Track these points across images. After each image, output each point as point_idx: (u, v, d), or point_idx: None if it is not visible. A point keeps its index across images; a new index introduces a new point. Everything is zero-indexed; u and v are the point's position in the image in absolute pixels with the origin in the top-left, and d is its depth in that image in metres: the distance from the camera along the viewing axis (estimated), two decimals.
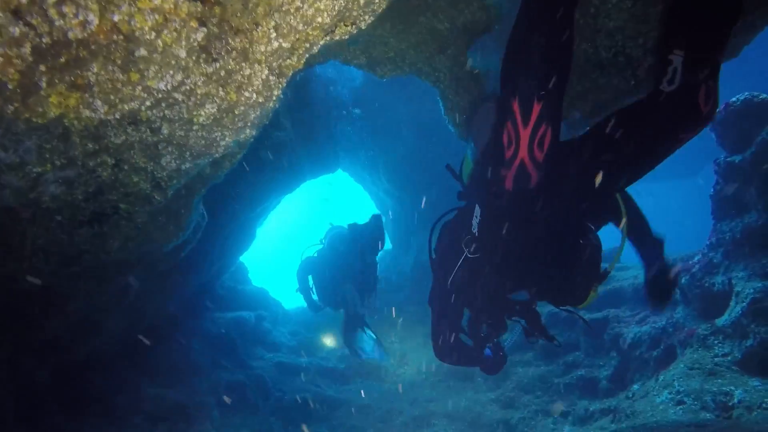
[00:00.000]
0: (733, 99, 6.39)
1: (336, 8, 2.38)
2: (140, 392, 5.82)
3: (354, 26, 2.79)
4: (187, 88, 2.23)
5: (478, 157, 3.43)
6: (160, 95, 2.18)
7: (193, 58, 2.13)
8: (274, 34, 2.30)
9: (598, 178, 2.79)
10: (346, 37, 2.80)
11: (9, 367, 4.22)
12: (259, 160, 6.93)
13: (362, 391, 8.45)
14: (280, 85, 2.72)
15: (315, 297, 8.42)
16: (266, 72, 2.49)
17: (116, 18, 1.82)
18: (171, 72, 2.09)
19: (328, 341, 9.89)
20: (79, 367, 5.25)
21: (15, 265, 3.30)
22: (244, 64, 2.35)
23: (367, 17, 2.80)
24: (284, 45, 2.38)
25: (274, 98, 2.74)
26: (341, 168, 12.29)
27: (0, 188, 2.53)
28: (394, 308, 10.49)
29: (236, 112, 2.54)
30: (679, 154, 2.83)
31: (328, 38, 2.70)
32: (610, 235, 3.69)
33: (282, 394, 7.77)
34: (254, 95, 2.52)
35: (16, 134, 2.25)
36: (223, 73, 2.29)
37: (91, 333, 5.10)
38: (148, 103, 2.21)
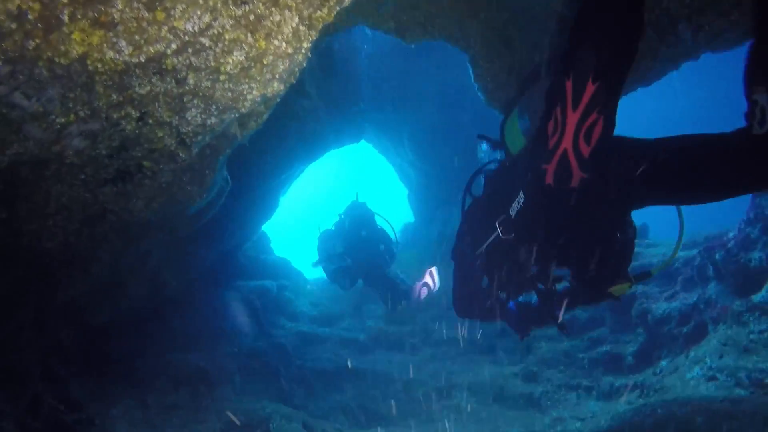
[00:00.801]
0: None
1: None
2: (163, 356, 5.83)
3: None
4: (215, 31, 2.12)
5: (527, 131, 3.27)
6: (186, 38, 2.08)
7: None
8: None
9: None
10: None
11: (34, 327, 4.21)
12: (284, 127, 6.83)
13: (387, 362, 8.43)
14: (310, 38, 2.60)
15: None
16: (296, 20, 2.37)
17: None
18: (198, 12, 1.97)
19: None
20: (103, 331, 5.26)
21: (39, 223, 3.25)
22: (274, 9, 2.23)
23: None
24: None
25: (303, 51, 2.62)
26: (365, 139, 12.14)
27: (23, 140, 2.46)
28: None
29: (264, 62, 2.42)
30: None
31: None
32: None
33: (303, 362, 7.76)
34: (283, 44, 2.40)
35: (39, 81, 2.16)
36: (252, 17, 2.17)
37: (115, 296, 5.09)
38: (174, 47, 2.11)
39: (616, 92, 2.63)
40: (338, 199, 9.66)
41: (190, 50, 2.19)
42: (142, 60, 2.13)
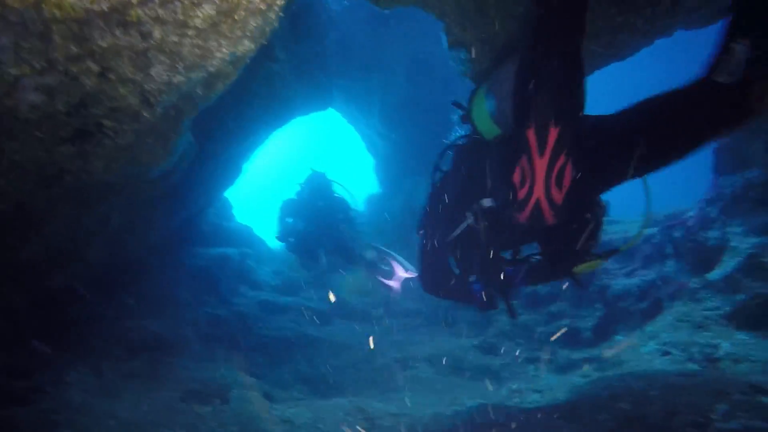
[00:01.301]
0: None
1: None
2: (120, 323, 5.69)
3: None
4: None
5: (495, 115, 3.22)
6: None
7: None
8: None
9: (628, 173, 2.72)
10: None
11: None
12: (251, 91, 6.65)
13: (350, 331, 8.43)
14: None
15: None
16: None
17: None
18: None
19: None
20: (58, 295, 5.09)
21: None
22: None
23: None
24: None
25: (276, 8, 2.51)
26: (333, 107, 11.96)
27: None
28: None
29: (236, 18, 2.31)
30: None
31: None
32: None
33: (264, 331, 7.69)
34: None
35: None
36: None
37: (71, 260, 4.92)
38: None
39: (578, 132, 2.63)
40: (304, 168, 9.55)
41: (157, 1, 2.07)
42: (105, 9, 2.00)
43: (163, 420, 4.08)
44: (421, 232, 3.79)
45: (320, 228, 8.51)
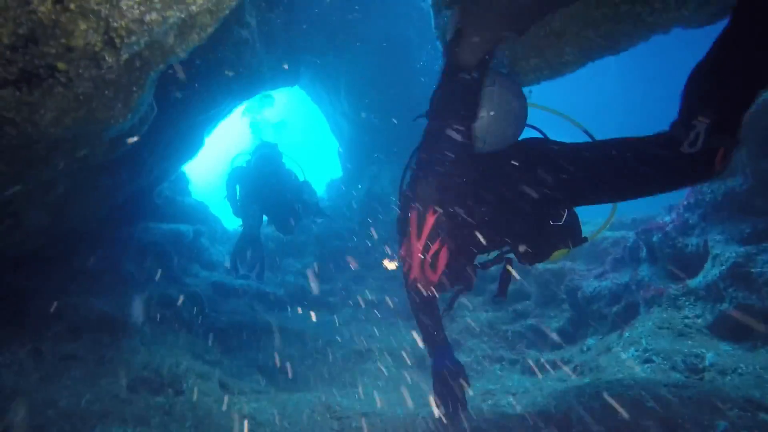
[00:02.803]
0: None
1: None
2: (62, 299, 5.15)
3: None
4: None
5: None
6: None
7: None
8: None
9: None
10: None
11: None
12: (218, 56, 6.16)
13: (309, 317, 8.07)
14: None
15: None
16: None
17: None
18: None
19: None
20: None
21: None
22: None
23: None
24: None
25: None
26: (299, 85, 11.48)
27: None
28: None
29: None
30: None
31: None
32: None
33: (217, 315, 7.24)
34: None
35: None
36: None
37: (8, 227, 4.38)
38: None
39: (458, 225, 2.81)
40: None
41: None
42: None
43: (109, 411, 3.62)
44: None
45: (266, 197, 8.73)
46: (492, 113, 2.74)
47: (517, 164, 2.92)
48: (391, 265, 5.57)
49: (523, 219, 3.02)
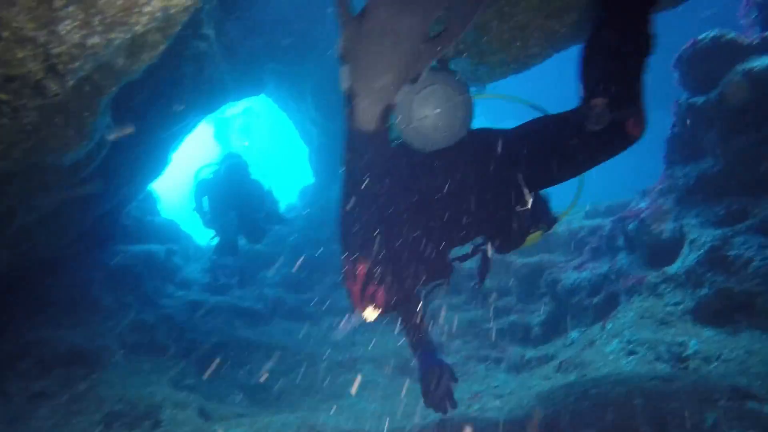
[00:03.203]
0: (701, 36, 6.01)
1: None
2: (29, 333, 4.96)
3: None
4: None
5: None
6: None
7: None
8: None
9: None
10: None
11: None
12: (178, 70, 6.00)
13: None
14: None
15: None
16: None
17: None
18: None
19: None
20: None
21: None
22: None
23: None
24: None
25: None
26: (266, 93, 11.31)
27: None
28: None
29: None
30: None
31: None
32: None
33: (195, 335, 7.05)
34: None
35: None
36: None
37: None
38: None
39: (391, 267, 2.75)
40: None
41: None
42: None
43: None
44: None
45: (233, 208, 8.80)
46: (437, 111, 2.68)
47: (467, 157, 2.93)
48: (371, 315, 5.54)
49: (487, 210, 3.04)
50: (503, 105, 3.90)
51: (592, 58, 2.71)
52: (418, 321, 3.85)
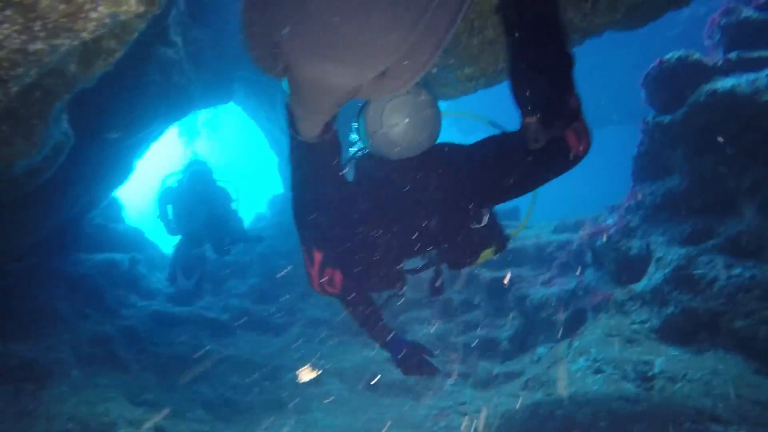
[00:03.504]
0: (668, 56, 6.07)
1: None
2: None
3: None
4: None
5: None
6: None
7: None
8: None
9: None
10: None
11: None
12: (143, 77, 5.85)
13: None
14: None
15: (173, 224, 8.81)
16: None
17: None
18: None
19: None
20: None
21: None
22: None
23: None
24: None
25: None
26: (234, 101, 11.15)
27: None
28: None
29: None
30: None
31: None
32: None
33: (156, 348, 6.87)
34: None
35: None
36: None
37: None
38: None
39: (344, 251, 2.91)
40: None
41: None
42: None
43: None
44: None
45: (203, 216, 8.72)
46: (407, 120, 2.65)
47: (427, 170, 2.91)
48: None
49: (442, 224, 3.00)
50: (471, 121, 3.86)
51: (518, 77, 2.65)
52: (369, 311, 3.75)
